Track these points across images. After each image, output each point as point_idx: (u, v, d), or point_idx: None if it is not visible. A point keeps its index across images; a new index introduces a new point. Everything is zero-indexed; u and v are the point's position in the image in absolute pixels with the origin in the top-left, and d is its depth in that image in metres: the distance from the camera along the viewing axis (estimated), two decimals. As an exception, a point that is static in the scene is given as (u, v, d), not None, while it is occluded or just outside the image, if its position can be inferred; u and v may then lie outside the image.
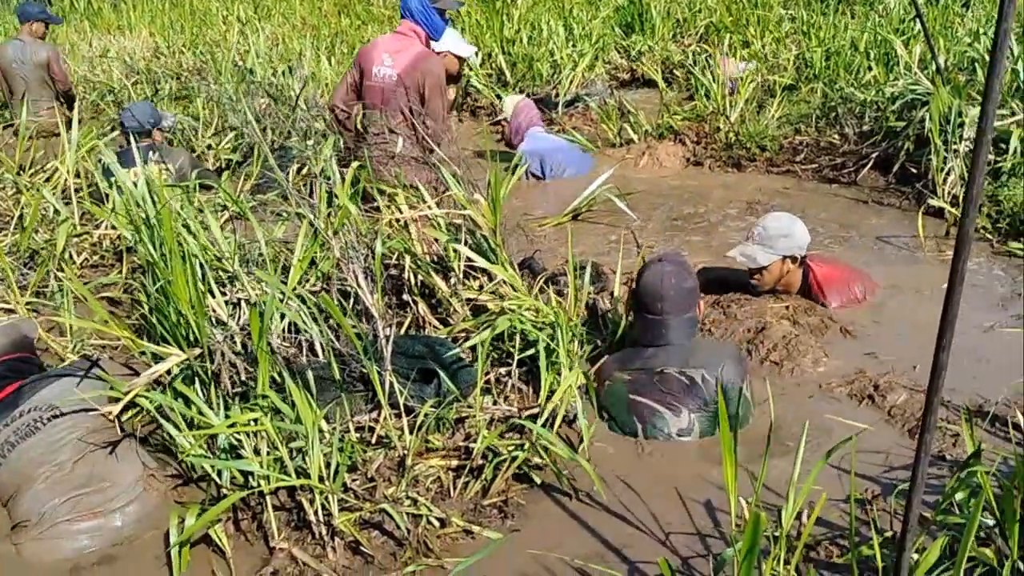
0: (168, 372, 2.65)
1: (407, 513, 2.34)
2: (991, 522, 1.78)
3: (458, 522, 2.33)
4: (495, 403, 2.77)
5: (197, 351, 2.67)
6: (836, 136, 5.32)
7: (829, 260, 3.62)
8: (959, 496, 2.12)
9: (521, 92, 6.55)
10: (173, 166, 4.54)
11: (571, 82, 6.54)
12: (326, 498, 2.34)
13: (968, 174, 1.25)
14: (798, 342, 3.14)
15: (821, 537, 2.23)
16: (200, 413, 2.56)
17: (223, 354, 2.69)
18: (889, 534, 2.16)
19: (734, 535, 2.10)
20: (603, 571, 2.16)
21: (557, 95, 6.61)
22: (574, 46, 6.93)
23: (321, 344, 2.82)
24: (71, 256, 3.93)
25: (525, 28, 7.13)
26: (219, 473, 2.51)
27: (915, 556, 1.95)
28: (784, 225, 3.36)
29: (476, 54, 6.04)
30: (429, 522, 2.35)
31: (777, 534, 2.05)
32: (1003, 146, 4.40)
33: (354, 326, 3.17)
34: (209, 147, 5.76)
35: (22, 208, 4.19)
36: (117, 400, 2.58)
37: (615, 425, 2.81)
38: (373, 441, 2.61)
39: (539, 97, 6.66)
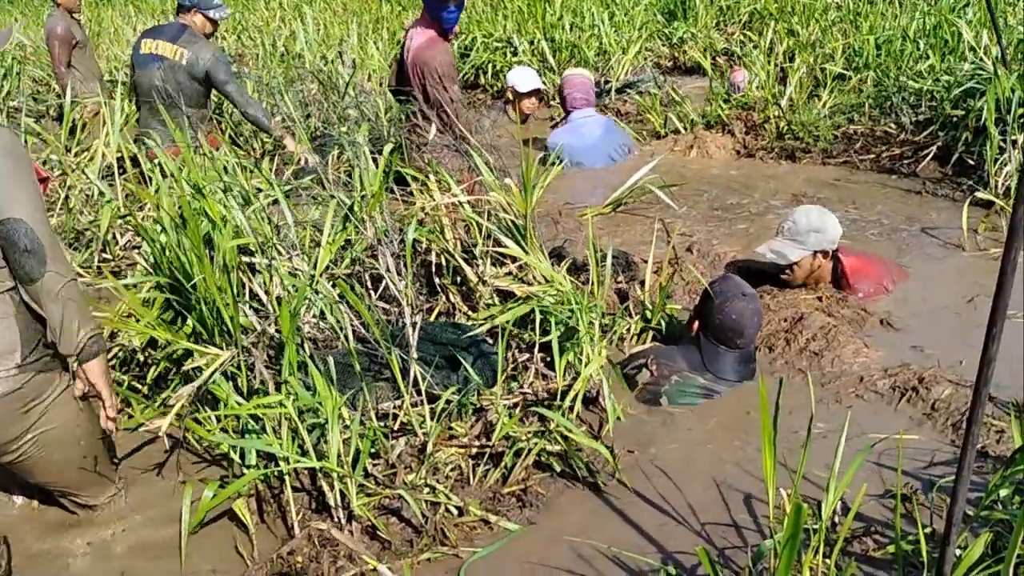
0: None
1: (426, 500, 2.30)
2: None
3: (476, 511, 2.28)
4: (520, 389, 2.70)
5: (231, 352, 2.66)
6: (892, 125, 5.14)
7: (859, 252, 3.51)
8: (1003, 493, 2.00)
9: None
10: (196, 56, 4.47)
11: (622, 68, 6.42)
12: (345, 482, 2.30)
13: (1023, 164, 1.15)
14: (837, 332, 3.03)
15: (859, 531, 2.13)
16: (227, 404, 2.55)
17: (256, 347, 2.69)
18: (928, 530, 2.05)
19: (773, 526, 2.02)
20: (634, 558, 2.09)
21: (607, 82, 6.50)
22: (617, 32, 6.82)
23: (353, 330, 2.79)
24: (115, 237, 3.96)
25: (567, 14, 7.03)
26: (242, 457, 2.50)
27: (957, 552, 1.85)
28: (814, 220, 3.26)
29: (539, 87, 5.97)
30: (447, 510, 2.30)
31: (816, 527, 1.96)
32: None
33: (385, 311, 3.16)
34: (254, 133, 5.79)
35: (67, 189, 4.25)
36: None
37: (677, 401, 2.79)
38: (396, 428, 2.57)
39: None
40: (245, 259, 3.11)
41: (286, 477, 2.40)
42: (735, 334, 2.80)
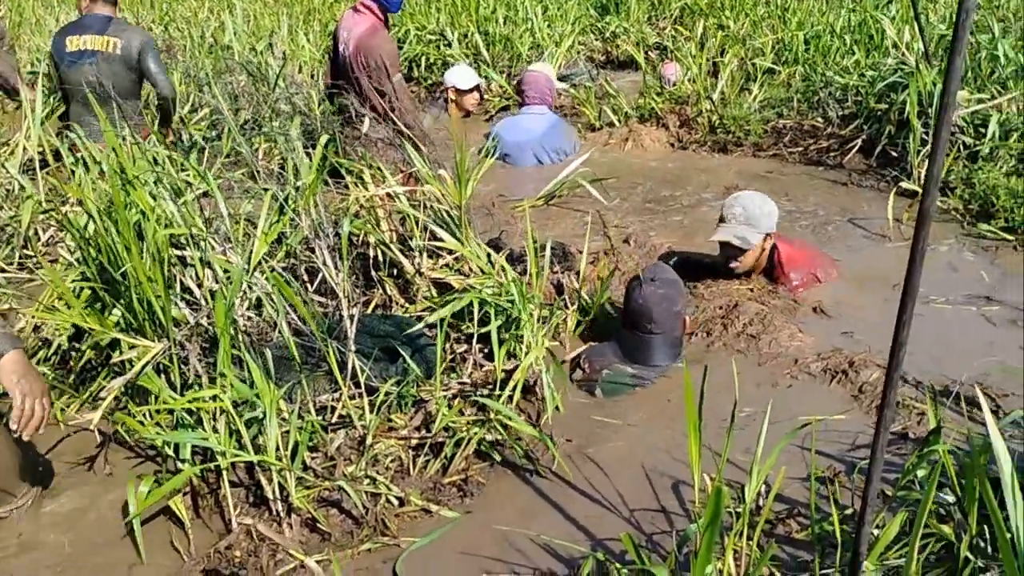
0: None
1: (366, 492, 2.31)
2: (951, 499, 1.75)
3: (416, 501, 2.30)
4: (459, 380, 2.72)
5: (163, 344, 2.62)
6: (819, 119, 5.28)
7: (793, 241, 3.59)
8: (920, 473, 2.09)
9: (501, 73, 6.48)
10: (129, 42, 4.36)
11: (555, 62, 6.47)
12: (283, 475, 2.30)
13: (930, 152, 1.21)
14: (772, 318, 3.12)
15: (783, 513, 2.21)
16: (160, 399, 2.52)
17: (189, 340, 2.66)
18: (850, 511, 2.14)
19: (699, 511, 2.08)
20: (565, 546, 2.13)
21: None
22: (550, 26, 6.86)
23: (289, 323, 2.78)
24: (37, 233, 3.86)
25: (501, 7, 7.05)
26: (176, 451, 2.47)
27: (875, 532, 1.93)
28: (761, 202, 3.34)
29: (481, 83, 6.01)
30: (388, 501, 2.32)
31: (740, 510, 2.03)
32: (982, 130, 4.37)
33: (322, 304, 3.15)
34: (183, 121, 5.68)
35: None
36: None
37: (610, 392, 2.83)
38: (335, 420, 2.57)
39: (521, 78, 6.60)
40: (177, 252, 3.07)
41: (223, 472, 2.38)
42: (644, 319, 2.86)
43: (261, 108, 5.30)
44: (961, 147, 4.39)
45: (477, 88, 5.91)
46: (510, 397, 2.62)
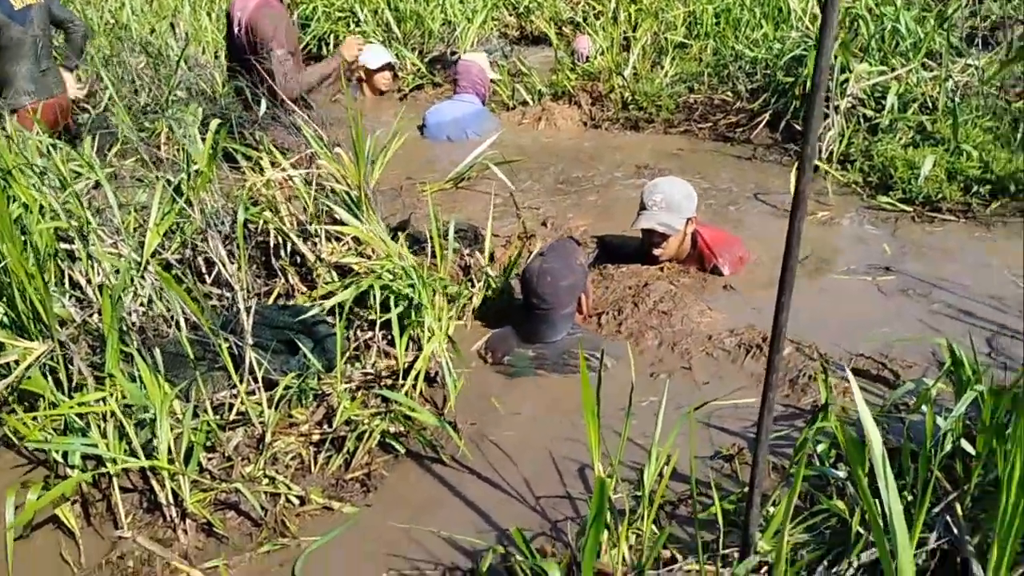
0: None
1: (265, 492, 2.24)
2: (843, 473, 1.77)
3: (317, 499, 2.23)
4: (362, 370, 2.66)
5: (47, 345, 2.49)
6: (729, 94, 5.32)
7: (709, 225, 3.60)
8: (820, 448, 2.12)
9: (414, 51, 6.36)
10: None
11: (468, 39, 6.38)
12: (177, 480, 2.21)
13: (803, 132, 1.19)
14: (683, 296, 3.13)
15: (687, 494, 2.21)
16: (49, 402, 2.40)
17: (75, 340, 2.54)
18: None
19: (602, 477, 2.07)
20: (467, 541, 2.10)
21: (454, 53, 6.44)
22: (462, 2, 6.76)
23: (185, 318, 2.67)
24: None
25: (412, -18, 6.93)
26: (65, 457, 2.36)
27: (771, 509, 1.95)
28: (680, 187, 3.31)
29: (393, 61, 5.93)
30: (288, 500, 2.25)
31: (641, 494, 2.02)
32: (883, 102, 4.45)
33: (220, 297, 3.04)
34: (82, 108, 5.44)
35: None
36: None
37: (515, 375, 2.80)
38: (233, 418, 2.48)
39: (435, 56, 6.49)
40: (64, 246, 2.93)
41: (114, 478, 2.28)
42: (531, 294, 2.82)
43: (162, 91, 5.12)
44: (861, 119, 4.47)
45: (388, 67, 5.80)
46: (414, 385, 2.57)
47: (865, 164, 4.20)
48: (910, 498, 1.81)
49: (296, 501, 2.26)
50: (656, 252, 3.33)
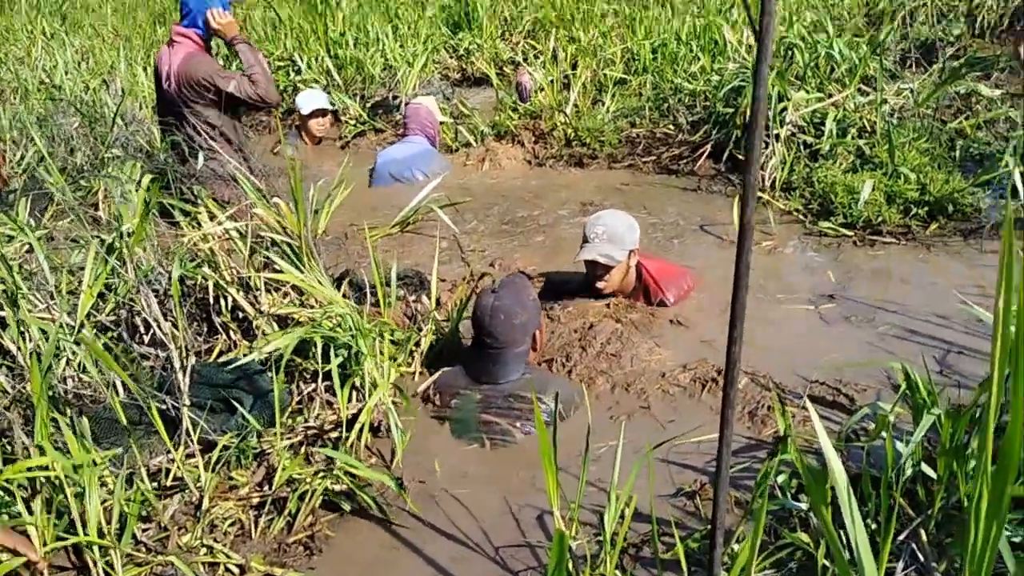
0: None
1: (203, 563, 2.11)
2: (805, 505, 1.72)
3: (258, 567, 2.11)
4: (303, 424, 2.55)
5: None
6: (671, 126, 5.34)
7: (653, 257, 3.57)
8: (781, 479, 2.07)
9: (354, 96, 6.32)
10: None
11: (409, 84, 6.35)
12: (109, 554, 2.08)
13: (745, 160, 1.15)
14: (630, 334, 3.08)
15: (648, 535, 2.14)
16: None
17: (8, 409, 2.40)
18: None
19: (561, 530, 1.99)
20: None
21: (396, 98, 6.40)
22: (402, 46, 6.75)
23: (120, 383, 2.55)
24: None
25: (351, 30, 6.89)
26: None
27: (736, 547, 1.89)
28: (623, 219, 3.28)
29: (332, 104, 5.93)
30: (227, 569, 2.12)
31: (603, 538, 1.95)
32: (822, 128, 4.51)
33: (158, 356, 2.92)
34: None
35: None
36: None
37: (459, 432, 2.69)
38: (170, 483, 2.36)
39: (376, 101, 6.45)
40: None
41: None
42: (481, 331, 2.74)
43: (98, 149, 5.00)
44: (802, 147, 4.51)
45: (322, 112, 5.75)
46: (359, 437, 2.48)
47: (807, 191, 4.22)
48: (874, 526, 1.76)
49: (236, 570, 2.14)
50: (600, 285, 3.29)
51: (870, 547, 1.33)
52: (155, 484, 2.35)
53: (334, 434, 2.54)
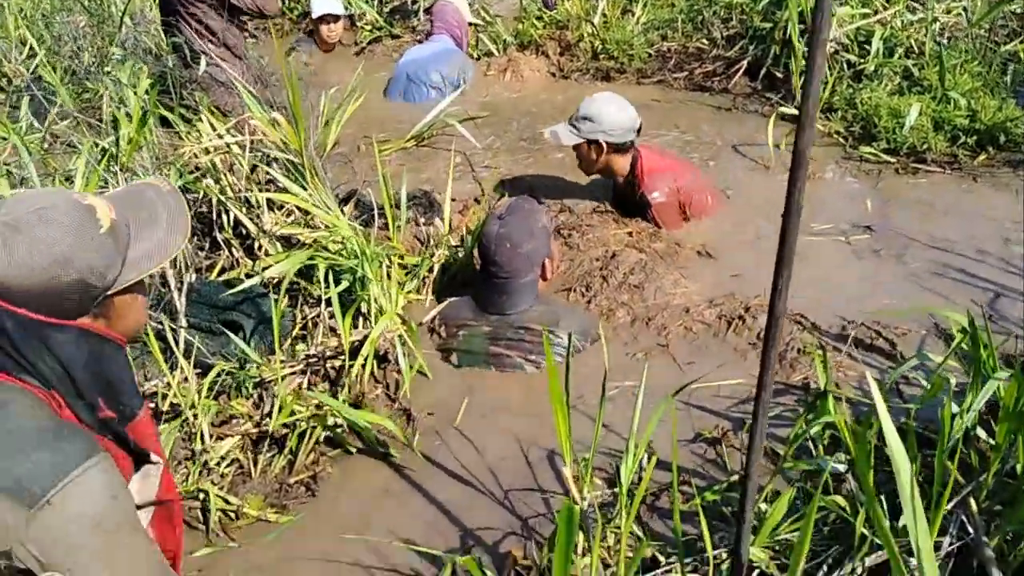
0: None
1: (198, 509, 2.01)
2: (843, 467, 1.57)
3: (253, 512, 2.00)
4: (305, 352, 2.41)
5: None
6: (704, 41, 5.04)
7: (665, 153, 3.39)
8: (815, 430, 1.92)
9: (370, 0, 6.01)
10: None
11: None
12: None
13: (803, 86, 0.95)
14: (654, 265, 2.91)
15: (668, 485, 2.01)
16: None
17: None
18: (736, 478, 1.95)
19: (574, 495, 1.87)
20: (428, 541, 1.89)
21: (414, 2, 6.09)
22: (423, -53, 6.39)
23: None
24: None
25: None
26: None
27: (763, 507, 1.75)
28: (590, 107, 3.10)
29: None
30: (225, 512, 2.01)
31: (618, 489, 1.82)
32: (867, 47, 4.21)
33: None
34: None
35: None
36: None
37: (466, 363, 2.55)
38: (165, 409, 2.24)
39: (394, 6, 6.15)
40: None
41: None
42: (487, 260, 2.59)
43: (105, 50, 4.78)
44: (845, 66, 4.22)
45: (335, 18, 5.46)
46: (364, 366, 2.34)
47: (848, 113, 3.96)
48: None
49: (233, 514, 2.03)
50: (579, 166, 3.30)
51: (927, 532, 1.17)
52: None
53: (337, 362, 2.40)
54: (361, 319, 2.54)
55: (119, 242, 1.16)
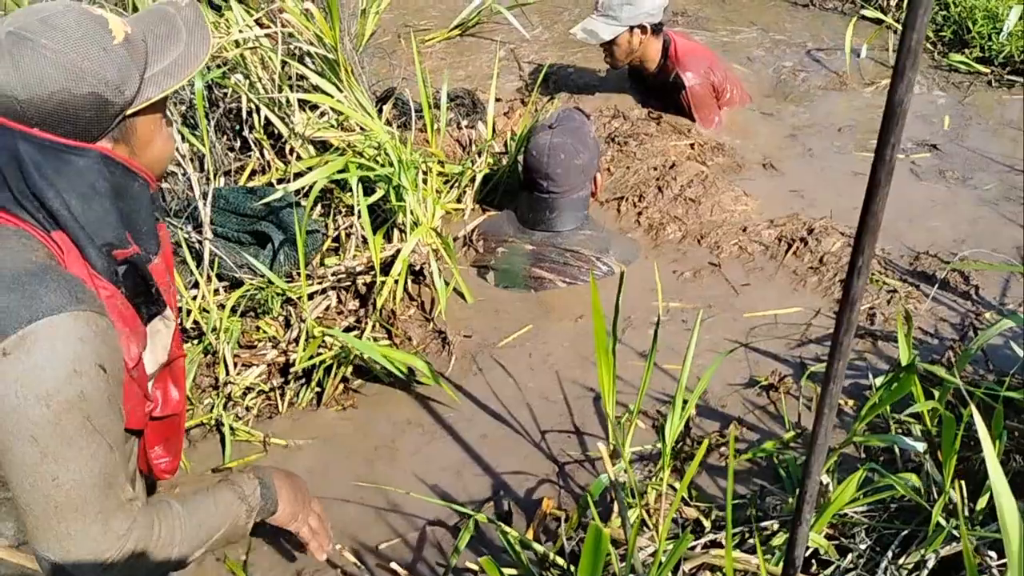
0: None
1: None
2: (921, 446, 1.39)
3: (278, 441, 1.90)
4: (334, 266, 2.26)
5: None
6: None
7: (692, 39, 3.18)
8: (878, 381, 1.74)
9: None
10: None
11: None
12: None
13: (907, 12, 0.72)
14: (716, 178, 2.69)
15: (716, 438, 1.86)
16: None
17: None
18: (791, 434, 1.80)
19: (613, 446, 1.74)
20: (462, 482, 1.78)
21: None
22: None
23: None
24: None
25: None
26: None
27: (824, 479, 1.59)
28: None
29: None
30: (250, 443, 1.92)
31: (662, 443, 1.67)
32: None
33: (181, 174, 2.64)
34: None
35: None
36: None
37: (503, 282, 2.40)
38: (188, 326, 2.12)
39: None
40: None
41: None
42: (537, 174, 2.39)
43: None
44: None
45: None
46: (396, 282, 2.20)
47: (938, 15, 3.59)
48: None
49: (259, 446, 1.93)
50: (606, 61, 3.13)
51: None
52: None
53: (368, 278, 2.26)
54: (396, 231, 2.38)
55: (135, 55, 1.04)
